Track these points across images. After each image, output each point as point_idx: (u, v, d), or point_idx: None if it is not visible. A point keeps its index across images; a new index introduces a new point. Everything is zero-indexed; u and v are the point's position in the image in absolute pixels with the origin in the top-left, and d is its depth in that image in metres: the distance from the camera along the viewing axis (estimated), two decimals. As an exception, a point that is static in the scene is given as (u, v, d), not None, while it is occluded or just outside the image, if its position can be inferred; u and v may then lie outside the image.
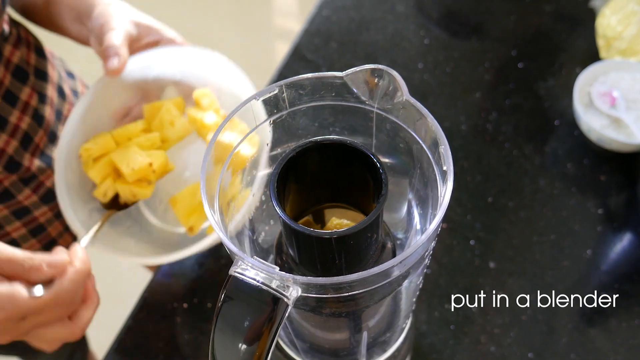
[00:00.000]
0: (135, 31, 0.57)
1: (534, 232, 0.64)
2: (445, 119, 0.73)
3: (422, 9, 0.87)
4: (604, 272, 0.61)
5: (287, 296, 0.27)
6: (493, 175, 0.68)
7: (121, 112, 0.60)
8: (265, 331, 0.28)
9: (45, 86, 0.65)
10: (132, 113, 0.61)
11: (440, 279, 0.61)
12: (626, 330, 0.57)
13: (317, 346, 0.44)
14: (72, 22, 0.60)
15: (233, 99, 0.58)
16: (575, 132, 0.71)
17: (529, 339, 0.57)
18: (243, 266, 0.28)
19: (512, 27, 0.83)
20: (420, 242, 0.28)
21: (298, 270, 0.34)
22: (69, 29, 0.61)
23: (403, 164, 0.37)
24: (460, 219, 0.65)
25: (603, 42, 0.76)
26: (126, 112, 0.61)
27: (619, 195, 0.67)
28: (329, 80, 0.34)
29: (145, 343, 0.59)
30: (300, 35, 0.83)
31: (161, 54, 0.59)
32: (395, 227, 0.40)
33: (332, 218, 0.35)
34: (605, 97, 0.70)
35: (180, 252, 0.53)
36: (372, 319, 0.40)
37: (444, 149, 0.31)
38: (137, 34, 0.58)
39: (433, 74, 0.78)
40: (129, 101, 0.61)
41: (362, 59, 0.81)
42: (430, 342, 0.57)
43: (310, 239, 0.30)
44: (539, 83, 0.76)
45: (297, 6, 2.17)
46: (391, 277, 0.30)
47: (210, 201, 0.31)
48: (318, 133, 0.37)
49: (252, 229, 0.38)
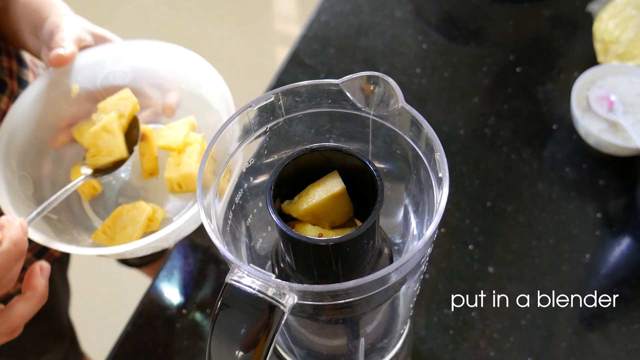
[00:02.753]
0: (88, 38, 0.56)
1: (532, 237, 0.64)
2: (444, 124, 0.74)
3: (420, 14, 0.87)
4: (603, 276, 0.61)
5: (284, 304, 0.27)
6: (491, 180, 0.68)
7: (65, 120, 0.58)
8: (262, 338, 0.28)
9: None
10: (78, 124, 0.59)
11: (439, 284, 0.61)
12: (625, 335, 0.57)
13: (314, 352, 0.44)
14: (28, 36, 0.59)
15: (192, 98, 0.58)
16: (573, 136, 0.71)
17: (528, 344, 0.57)
18: (239, 274, 0.28)
19: (510, 32, 0.83)
20: (417, 248, 0.28)
21: (295, 277, 0.34)
22: (27, 42, 0.60)
23: (399, 170, 0.37)
24: (458, 224, 0.65)
25: (600, 46, 0.76)
26: (71, 121, 0.58)
27: (617, 199, 0.67)
28: (325, 87, 0.34)
29: (144, 349, 0.59)
30: (299, 40, 0.84)
31: (113, 49, 0.57)
32: (392, 233, 0.40)
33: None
34: (602, 101, 0.70)
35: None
36: (370, 325, 0.40)
37: (440, 155, 0.31)
38: (90, 41, 0.57)
39: (431, 78, 0.79)
40: (74, 106, 0.58)
41: (360, 64, 0.81)
42: (429, 348, 0.57)
43: (307, 246, 0.30)
44: (537, 87, 0.77)
45: (297, 11, 2.18)
46: (388, 283, 0.30)
47: (207, 210, 0.31)
48: (314, 140, 0.37)
49: (249, 236, 0.38)
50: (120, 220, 0.53)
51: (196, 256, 0.65)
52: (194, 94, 0.59)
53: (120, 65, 0.58)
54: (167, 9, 2.08)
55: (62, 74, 0.56)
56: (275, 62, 1.84)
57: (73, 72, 0.57)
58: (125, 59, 0.58)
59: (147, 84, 0.60)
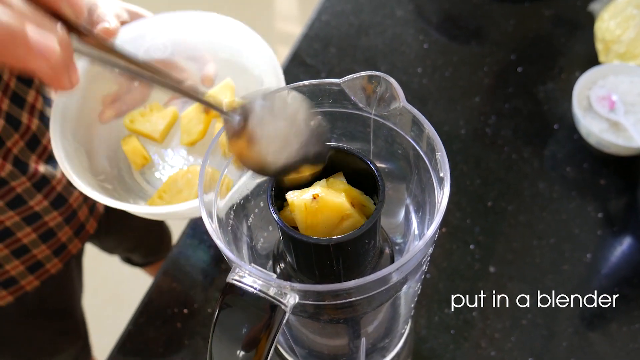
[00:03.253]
0: (125, 14, 0.57)
1: (533, 236, 0.64)
2: (445, 123, 0.74)
3: (421, 13, 0.87)
4: (603, 276, 0.61)
5: (285, 303, 0.27)
6: (492, 179, 0.68)
7: (110, 96, 0.60)
8: (263, 338, 0.28)
9: (49, 89, 0.65)
10: (123, 98, 0.61)
11: (440, 284, 0.61)
12: (626, 334, 0.57)
13: (316, 352, 0.44)
14: None
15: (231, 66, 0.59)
16: (574, 136, 0.71)
17: (529, 343, 0.57)
18: (241, 273, 0.28)
19: (511, 31, 0.83)
20: (418, 248, 0.28)
21: (296, 277, 0.34)
22: None
23: (400, 170, 0.37)
24: (459, 223, 0.65)
25: (602, 46, 0.76)
26: (115, 96, 0.60)
27: (618, 199, 0.67)
28: (327, 87, 0.34)
29: (145, 348, 0.60)
30: (300, 40, 0.84)
31: (155, 22, 0.58)
32: (394, 232, 0.40)
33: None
34: (604, 101, 0.70)
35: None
36: (371, 325, 0.40)
37: (441, 155, 0.31)
38: (127, 18, 0.58)
39: (432, 78, 0.79)
40: (117, 81, 0.60)
41: (361, 63, 0.81)
42: (430, 347, 0.57)
43: (308, 246, 0.30)
44: (538, 87, 0.77)
45: (298, 10, 2.18)
46: (389, 283, 0.30)
47: (208, 210, 0.31)
48: (316, 139, 0.37)
49: (250, 235, 0.38)
50: (175, 185, 0.55)
51: (197, 256, 0.65)
52: (234, 62, 0.60)
53: (160, 39, 0.59)
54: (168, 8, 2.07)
55: None
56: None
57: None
58: (164, 32, 0.59)
59: (186, 56, 0.60)
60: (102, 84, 0.59)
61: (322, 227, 0.30)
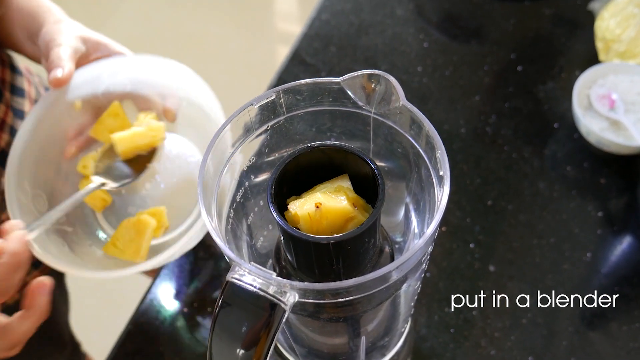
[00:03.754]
0: (83, 47, 0.57)
1: (533, 235, 0.64)
2: (445, 122, 0.74)
3: (421, 12, 0.87)
4: (604, 275, 0.61)
5: (284, 302, 0.27)
6: (492, 178, 0.68)
7: (73, 131, 0.59)
8: (263, 336, 0.28)
9: (21, 102, 0.64)
10: (86, 132, 0.60)
11: (439, 283, 0.61)
12: (626, 333, 0.57)
13: (315, 351, 0.44)
14: (25, 41, 0.60)
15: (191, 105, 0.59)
16: (574, 135, 0.71)
17: (529, 343, 0.57)
18: (240, 272, 0.28)
19: (512, 30, 0.83)
20: (418, 246, 0.28)
21: (296, 276, 0.34)
22: (24, 47, 0.61)
23: (400, 169, 0.37)
24: (459, 222, 0.65)
25: (602, 44, 0.76)
26: (79, 131, 0.59)
27: (618, 198, 0.67)
28: (327, 86, 0.34)
29: (145, 347, 0.60)
30: (300, 39, 0.84)
31: (109, 65, 0.58)
32: (393, 231, 0.40)
33: None
34: (604, 100, 0.70)
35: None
36: (371, 324, 0.40)
37: (441, 153, 0.31)
38: (86, 50, 0.57)
39: (432, 77, 0.78)
40: (80, 118, 0.59)
41: (361, 62, 0.81)
42: (430, 346, 0.57)
43: (308, 245, 0.30)
44: (538, 86, 0.76)
45: (298, 9, 2.18)
46: (389, 281, 0.30)
47: (208, 208, 0.31)
48: (316, 138, 0.37)
49: (250, 234, 0.38)
50: (127, 233, 0.54)
51: (197, 254, 0.65)
52: (192, 102, 0.60)
53: (118, 78, 0.59)
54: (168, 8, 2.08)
55: (63, 92, 0.57)
56: (276, 60, 1.84)
57: (73, 90, 0.57)
58: (121, 73, 0.59)
59: (147, 91, 0.60)
60: (61, 125, 0.58)
61: (328, 232, 0.31)
